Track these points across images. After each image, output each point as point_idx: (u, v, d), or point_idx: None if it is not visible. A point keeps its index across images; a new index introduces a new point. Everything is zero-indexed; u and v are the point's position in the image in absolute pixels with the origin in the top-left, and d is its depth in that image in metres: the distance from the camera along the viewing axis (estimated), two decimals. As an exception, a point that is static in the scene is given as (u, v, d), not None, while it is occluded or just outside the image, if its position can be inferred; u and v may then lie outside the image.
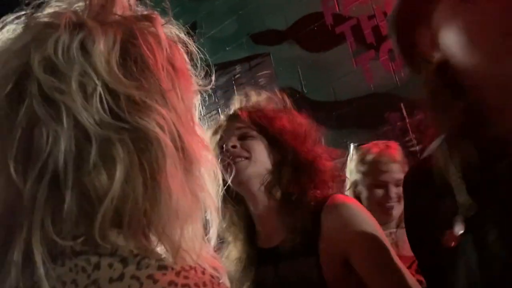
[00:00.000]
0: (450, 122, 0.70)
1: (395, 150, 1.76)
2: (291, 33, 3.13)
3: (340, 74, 2.85)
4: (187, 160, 0.55)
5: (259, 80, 3.33)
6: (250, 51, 3.39)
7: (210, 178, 0.59)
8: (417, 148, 2.50)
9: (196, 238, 0.54)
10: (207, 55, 0.67)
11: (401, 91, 2.57)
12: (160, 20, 0.60)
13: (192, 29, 3.80)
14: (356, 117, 2.69)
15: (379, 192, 1.66)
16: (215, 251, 0.62)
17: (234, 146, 1.25)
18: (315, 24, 2.99)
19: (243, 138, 1.28)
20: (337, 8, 2.88)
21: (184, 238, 0.52)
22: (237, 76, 3.49)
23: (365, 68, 2.72)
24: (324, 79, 2.90)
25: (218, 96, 3.63)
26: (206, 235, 0.59)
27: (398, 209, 1.62)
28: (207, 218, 0.60)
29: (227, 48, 3.55)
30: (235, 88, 3.50)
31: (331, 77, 2.88)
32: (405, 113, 2.55)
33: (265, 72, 3.30)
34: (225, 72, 3.56)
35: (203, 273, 0.48)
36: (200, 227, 0.56)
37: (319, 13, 2.96)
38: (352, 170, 1.77)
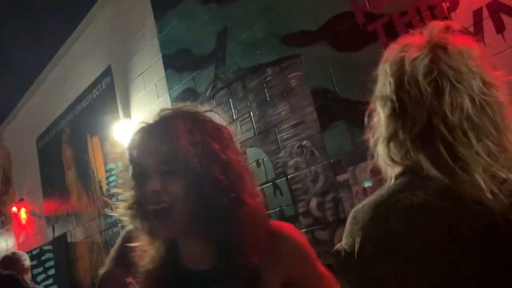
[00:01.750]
0: None
1: None
2: (322, 34, 3.13)
3: (373, 73, 2.81)
4: None
5: (291, 82, 3.35)
6: (281, 54, 3.41)
7: None
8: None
9: None
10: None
11: (437, 88, 2.52)
12: None
13: (223, 34, 3.87)
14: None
15: None
16: None
17: None
18: (346, 23, 2.98)
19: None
20: (367, 6, 2.86)
21: None
22: (268, 79, 3.51)
23: (399, 65, 2.69)
24: (357, 78, 2.87)
25: (250, 100, 3.66)
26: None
27: None
28: None
29: (258, 52, 3.59)
30: (266, 91, 3.52)
31: (364, 76, 2.85)
32: (441, 110, 2.50)
33: (296, 73, 3.31)
34: (256, 76, 3.60)
35: None
36: None
37: (349, 12, 2.95)
38: None
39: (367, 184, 2.83)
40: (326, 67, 3.08)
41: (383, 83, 1.02)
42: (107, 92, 5.45)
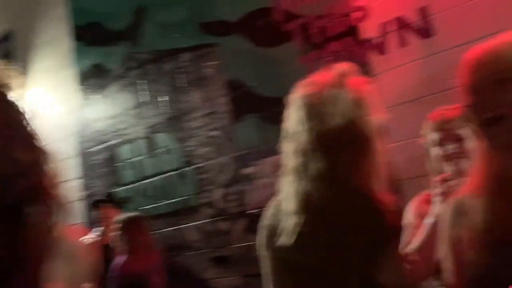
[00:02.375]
0: None
1: None
2: (241, 26, 3.12)
3: (286, 71, 2.88)
4: None
5: (206, 70, 3.30)
6: (199, 40, 3.35)
7: None
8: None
9: None
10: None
11: (343, 92, 2.65)
12: None
13: (141, 12, 3.69)
14: (299, 114, 2.75)
15: None
16: None
17: None
18: (264, 19, 3.01)
19: None
20: (287, 5, 2.91)
21: None
22: (184, 64, 3.43)
23: (310, 67, 2.77)
24: (271, 75, 2.93)
25: (163, 84, 3.55)
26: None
27: None
28: None
29: (176, 35, 3.48)
30: (181, 76, 3.43)
31: (277, 73, 2.91)
32: (345, 114, 2.64)
33: (212, 62, 3.27)
34: (172, 60, 3.49)
35: None
36: None
37: (269, 8, 2.98)
38: None
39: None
40: (243, 60, 3.08)
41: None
42: (5, 59, 4.92)
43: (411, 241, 1.51)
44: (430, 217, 1.46)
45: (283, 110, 1.39)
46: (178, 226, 3.35)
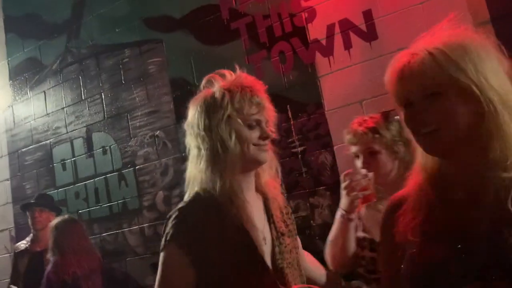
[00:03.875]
0: None
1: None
2: (186, 22, 3.02)
3: (232, 70, 2.81)
4: None
5: (149, 68, 3.16)
6: (142, 36, 3.20)
7: None
8: (298, 149, 2.57)
9: None
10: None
11: (289, 93, 2.62)
12: None
13: (80, 5, 3.49)
14: (244, 115, 2.69)
15: None
16: None
17: None
18: (211, 16, 2.92)
19: None
20: (234, 3, 2.84)
21: None
22: (125, 60, 3.26)
23: (257, 66, 2.73)
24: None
25: (103, 80, 3.36)
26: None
27: None
28: None
29: (117, 30, 3.31)
30: (122, 73, 3.27)
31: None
32: (290, 115, 2.61)
33: (156, 59, 3.14)
34: (113, 55, 3.32)
35: None
36: None
37: (216, 5, 2.90)
38: None
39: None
40: (187, 57, 2.98)
41: None
42: None
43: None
44: (338, 211, 1.58)
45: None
46: (118, 231, 3.18)
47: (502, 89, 0.85)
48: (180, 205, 1.27)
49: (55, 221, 2.82)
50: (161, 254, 1.21)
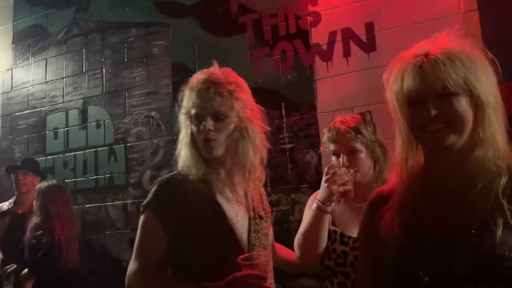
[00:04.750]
0: None
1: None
2: (195, 10, 3.09)
3: (234, 62, 2.88)
4: None
5: (153, 49, 3.23)
6: (150, 18, 3.27)
7: None
8: (287, 146, 2.67)
9: None
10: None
11: (285, 92, 2.72)
12: None
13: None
14: (239, 107, 2.77)
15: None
16: None
17: None
18: (220, 8, 3.00)
19: None
20: (244, -2, 2.93)
21: None
22: (131, 39, 3.33)
23: (258, 62, 2.82)
24: (218, 63, 2.91)
25: (106, 56, 3.42)
26: None
27: None
28: None
29: (127, 9, 3.37)
30: (126, 51, 3.33)
31: (225, 63, 2.90)
32: (284, 113, 2.70)
33: (161, 42, 3.21)
34: (119, 33, 3.38)
35: None
36: None
37: (226, -2, 2.98)
38: None
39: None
40: (191, 44, 3.05)
41: None
42: None
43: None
44: (314, 202, 1.57)
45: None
46: (101, 204, 3.24)
47: (495, 100, 0.93)
48: (164, 176, 1.37)
49: (43, 184, 2.86)
50: (140, 218, 1.32)
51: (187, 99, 1.36)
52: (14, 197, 3.22)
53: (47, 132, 3.57)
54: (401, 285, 0.93)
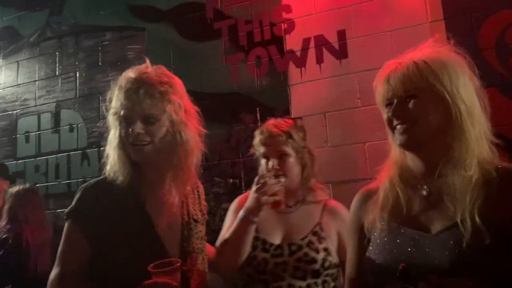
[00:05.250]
0: None
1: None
2: (171, 15, 3.11)
3: (209, 67, 2.92)
4: None
5: (128, 53, 3.22)
6: (126, 22, 3.26)
7: None
8: (262, 150, 2.70)
9: None
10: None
11: (260, 97, 2.75)
12: None
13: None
14: (214, 111, 2.79)
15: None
16: None
17: None
18: (196, 13, 3.02)
19: None
20: (219, 4, 2.96)
21: None
22: (105, 43, 3.31)
23: (233, 67, 2.85)
24: (194, 68, 2.95)
25: (79, 59, 3.39)
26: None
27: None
28: None
29: (101, 12, 3.36)
30: (100, 55, 3.31)
31: (200, 68, 2.93)
32: (259, 117, 2.74)
33: (136, 46, 3.20)
34: (93, 36, 3.35)
35: None
36: None
37: (201, 4, 3.01)
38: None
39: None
40: (167, 49, 3.06)
41: None
42: None
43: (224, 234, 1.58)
44: (242, 211, 1.51)
45: (199, 104, 1.42)
46: (73, 209, 3.18)
47: (469, 101, 0.99)
48: (90, 181, 1.32)
49: (15, 188, 2.81)
50: (65, 225, 1.27)
51: (116, 99, 1.29)
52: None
53: (18, 135, 3.50)
54: (380, 276, 0.99)
